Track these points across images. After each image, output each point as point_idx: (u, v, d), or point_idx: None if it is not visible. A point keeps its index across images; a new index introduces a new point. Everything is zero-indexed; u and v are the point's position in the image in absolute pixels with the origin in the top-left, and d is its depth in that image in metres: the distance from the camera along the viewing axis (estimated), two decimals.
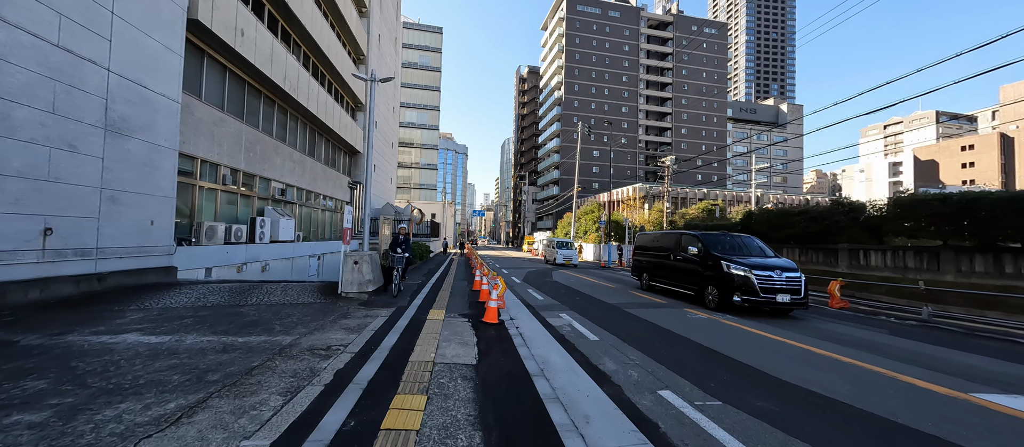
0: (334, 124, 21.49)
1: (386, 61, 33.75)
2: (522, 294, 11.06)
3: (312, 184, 19.93)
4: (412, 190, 71.30)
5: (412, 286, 11.09)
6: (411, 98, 71.38)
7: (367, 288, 8.30)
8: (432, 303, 8.45)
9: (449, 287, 11.44)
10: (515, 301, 9.58)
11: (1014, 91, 79.76)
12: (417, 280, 13.03)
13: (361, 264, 8.29)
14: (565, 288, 12.66)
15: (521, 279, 15.43)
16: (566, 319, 7.56)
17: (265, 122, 15.70)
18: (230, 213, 13.47)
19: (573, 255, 24.26)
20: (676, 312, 8.71)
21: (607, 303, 9.70)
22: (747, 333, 6.87)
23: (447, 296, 9.57)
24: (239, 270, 12.61)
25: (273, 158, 16.09)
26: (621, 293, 11.79)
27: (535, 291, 11.79)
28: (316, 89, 18.93)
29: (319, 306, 7.25)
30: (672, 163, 35.67)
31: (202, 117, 11.74)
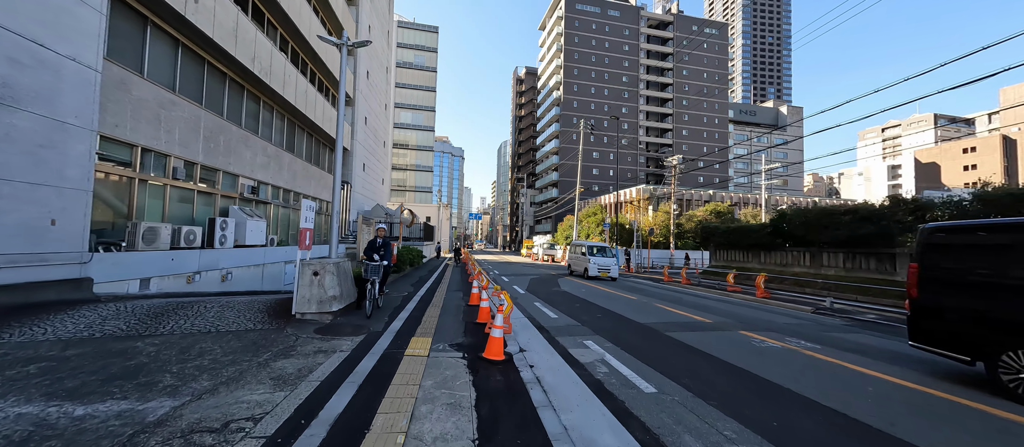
0: (317, 117, 19.55)
1: (377, 55, 31.87)
2: (529, 309, 9.11)
3: (290, 182, 17.93)
4: (407, 193, 69.33)
5: (394, 300, 9.12)
6: (406, 99, 69.59)
7: (331, 307, 6.33)
8: (416, 326, 6.50)
9: (440, 301, 9.47)
10: (522, 320, 7.63)
11: (1014, 93, 79.16)
12: (404, 291, 11.06)
13: (322, 276, 6.33)
14: (579, 301, 10.71)
15: (525, 288, 13.48)
16: (596, 351, 5.62)
17: (232, 110, 13.74)
18: (183, 213, 11.47)
19: (612, 265, 18.18)
20: (735, 336, 6.78)
21: (637, 322, 7.77)
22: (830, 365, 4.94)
23: (437, 315, 7.60)
24: (190, 280, 10.58)
25: (241, 151, 14.11)
26: (646, 307, 9.86)
27: (544, 305, 9.84)
28: (294, 76, 16.98)
29: (256, 336, 5.26)
30: (679, 163, 33.91)
31: (144, 97, 9.76)
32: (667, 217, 35.07)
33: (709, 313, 9.23)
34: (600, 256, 18.56)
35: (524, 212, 75.90)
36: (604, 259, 18.31)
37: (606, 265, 18.01)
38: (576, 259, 20.09)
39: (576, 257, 20.16)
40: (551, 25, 75.18)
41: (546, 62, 77.48)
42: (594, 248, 19.04)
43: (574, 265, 20.19)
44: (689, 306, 10.33)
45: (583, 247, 19.60)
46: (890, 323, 8.78)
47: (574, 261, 20.31)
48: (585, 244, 19.59)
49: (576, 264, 19.87)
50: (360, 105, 26.57)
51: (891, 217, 11.46)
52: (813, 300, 11.46)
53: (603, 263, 18.10)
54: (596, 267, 17.95)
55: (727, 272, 16.31)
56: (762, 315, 9.31)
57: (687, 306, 10.31)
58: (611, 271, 17.86)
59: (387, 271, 7.62)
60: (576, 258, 20.14)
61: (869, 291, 11.05)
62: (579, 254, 19.84)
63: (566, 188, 64.38)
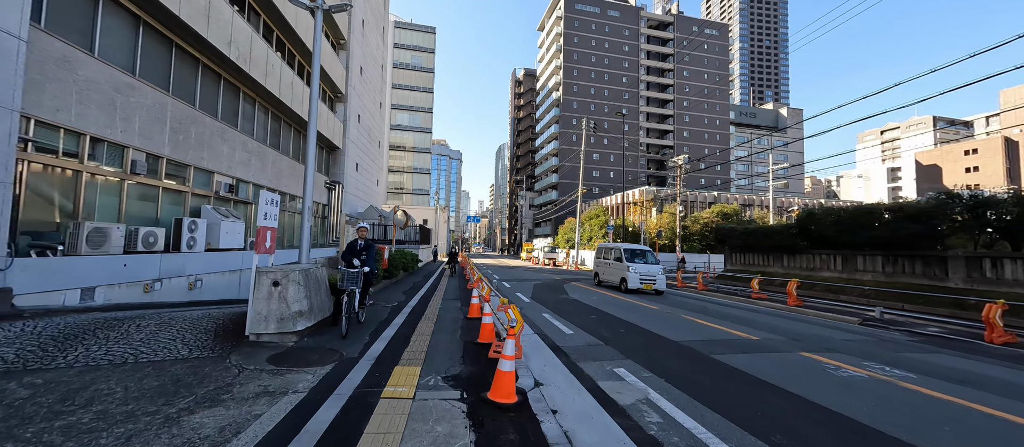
0: (305, 111, 18.25)
1: (371, 51, 30.67)
2: (537, 321, 7.83)
3: (275, 180, 16.60)
4: (404, 195, 68.05)
5: (381, 313, 7.82)
6: (403, 100, 68.48)
7: (295, 325, 5.03)
8: (403, 348, 5.21)
9: (434, 313, 8.17)
10: (532, 338, 6.35)
11: (1015, 95, 78.69)
12: (394, 299, 9.77)
13: (285, 286, 5.03)
14: (594, 312, 9.42)
15: (529, 296, 12.19)
16: (635, 385, 4.34)
17: (206, 99, 12.46)
18: (145, 213, 10.14)
19: (657, 273, 14.08)
20: (799, 360, 5.51)
21: (671, 341, 6.49)
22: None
23: (429, 332, 6.31)
24: (147, 289, 9.24)
25: (217, 145, 12.81)
26: (673, 320, 8.58)
27: (555, 316, 8.55)
28: (278, 66, 15.71)
29: (183, 370, 3.96)
30: (684, 163, 32.77)
31: (94, 78, 8.46)
32: (672, 219, 33.88)
33: (748, 327, 7.96)
34: (640, 262, 14.42)
35: (523, 215, 74.66)
36: (647, 267, 14.09)
37: (650, 275, 13.81)
38: (606, 266, 16.10)
39: (606, 264, 16.19)
40: (550, 25, 74.27)
41: (545, 63, 76.52)
42: (632, 252, 14.95)
43: (604, 274, 16.24)
44: (720, 317, 9.06)
45: (617, 250, 15.41)
46: (960, 338, 7.53)
47: (603, 269, 16.41)
48: (619, 247, 15.30)
49: (607, 273, 15.91)
50: (353, 102, 25.32)
51: (942, 215, 10.26)
52: (855, 309, 10.23)
53: (647, 272, 13.88)
54: (637, 277, 13.74)
55: (744, 277, 15.09)
56: (809, 329, 8.06)
57: (718, 317, 9.04)
58: (657, 283, 13.72)
59: (369, 279, 6.33)
60: (606, 265, 16.15)
61: (916, 299, 9.82)
62: (610, 260, 15.78)
63: (566, 190, 63.22)
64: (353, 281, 5.71)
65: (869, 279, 11.64)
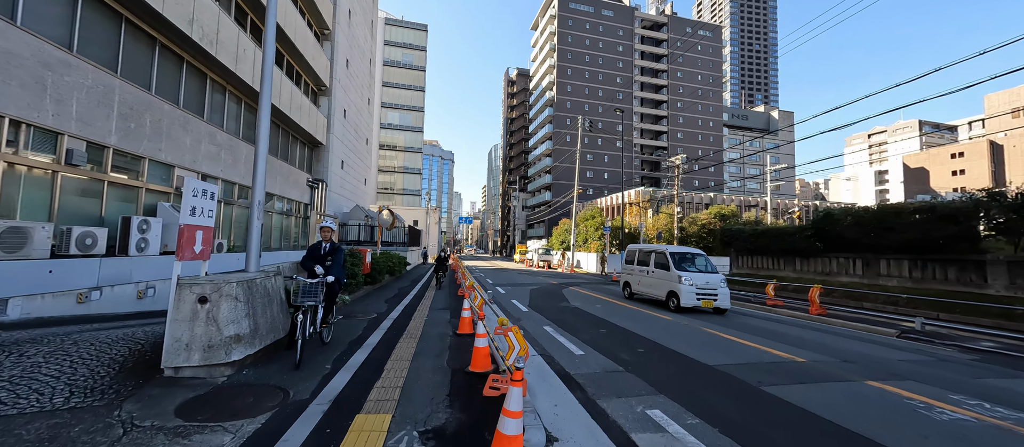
0: (284, 103, 16.94)
1: (359, 44, 29.34)
2: (541, 339, 6.69)
3: (249, 178, 15.23)
4: (395, 196, 66.53)
5: (353, 329, 6.61)
6: (394, 98, 67.03)
7: (229, 355, 3.83)
8: (373, 381, 4.03)
9: (419, 328, 6.98)
10: (537, 364, 5.19)
11: (998, 100, 79.82)
12: (375, 309, 8.55)
13: (216, 304, 3.84)
14: (603, 325, 8.30)
15: (527, 304, 11.04)
16: (681, 439, 3.21)
17: (165, 85, 11.13)
18: (87, 210, 8.80)
19: (718, 284, 10.25)
20: (874, 394, 4.44)
21: (704, 364, 5.39)
22: None
23: (410, 356, 5.14)
24: (81, 299, 7.90)
25: (179, 136, 11.48)
26: (697, 336, 7.48)
27: (559, 330, 7.41)
28: (251, 51, 14.39)
29: (42, 432, 2.73)
30: (682, 162, 31.95)
31: (13, 50, 7.14)
32: (669, 220, 33.02)
33: (783, 343, 6.91)
34: (693, 270, 10.60)
35: (516, 216, 73.55)
36: (704, 277, 10.24)
37: (709, 288, 10.02)
38: (641, 276, 12.01)
39: (641, 272, 12.03)
40: (544, 24, 73.41)
41: (538, 62, 75.63)
42: (680, 256, 11.06)
43: (639, 285, 12.13)
44: (745, 330, 8.00)
45: (659, 255, 11.38)
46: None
47: (636, 279, 12.33)
48: (663, 250, 11.29)
49: (643, 284, 11.89)
50: (338, 96, 23.99)
51: (979, 216, 9.38)
52: (884, 318, 9.29)
53: (704, 284, 10.05)
54: (693, 291, 9.93)
55: (756, 282, 14.14)
56: (849, 344, 7.04)
57: (743, 330, 7.98)
58: (719, 298, 10.00)
59: (335, 291, 5.13)
60: (641, 274, 12.06)
61: (951, 307, 8.90)
62: (649, 267, 11.66)
63: (559, 191, 62.28)
64: (310, 295, 4.51)
65: (894, 285, 10.73)
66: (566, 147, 63.81)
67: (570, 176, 62.08)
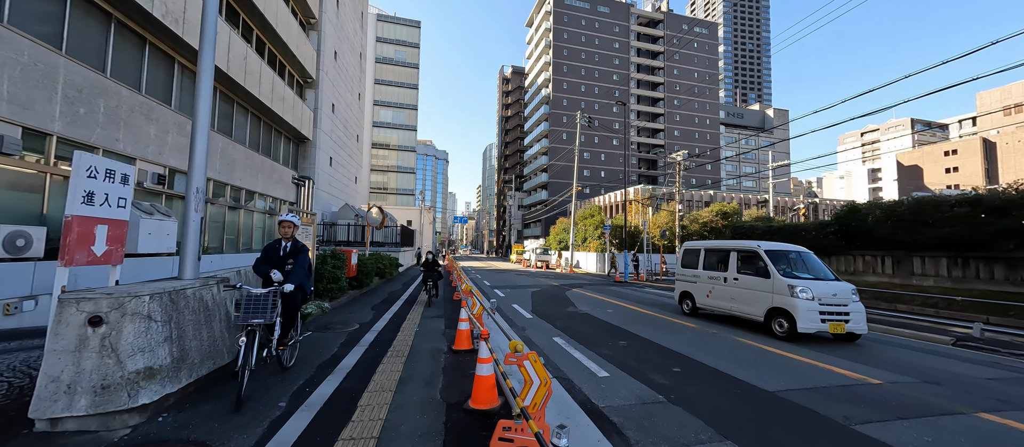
0: (264, 94, 15.76)
1: (348, 36, 28.13)
2: (553, 354, 5.63)
3: (226, 173, 14.04)
4: (389, 195, 65.23)
5: (327, 345, 5.51)
6: (386, 96, 65.73)
7: (136, 396, 2.73)
8: (341, 427, 2.97)
9: (407, 342, 5.90)
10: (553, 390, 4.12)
11: (990, 98, 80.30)
12: (359, 317, 7.44)
13: (116, 329, 2.75)
14: (622, 335, 7.25)
15: (530, 310, 9.98)
16: None
17: (124, 67, 9.95)
18: (24, 206, 7.60)
19: (848, 295, 7.15)
20: (989, 428, 3.44)
21: (763, 391, 4.35)
22: None
23: (394, 383, 4.06)
24: (9, 311, 6.71)
25: (140, 125, 10.29)
26: (730, 347, 6.47)
27: (573, 344, 6.35)
28: (227, 33, 13.21)
29: None
30: (684, 159, 31.07)
31: None
32: (670, 218, 32.15)
33: (838, 357, 5.90)
34: (804, 275, 7.59)
35: (511, 216, 72.49)
36: (825, 285, 7.16)
37: (837, 301, 7.00)
38: (711, 285, 8.88)
39: (711, 281, 8.93)
40: (539, 21, 72.44)
41: (534, 60, 74.63)
42: (781, 256, 7.88)
43: (716, 299, 8.76)
44: (788, 340, 7.00)
45: (743, 252, 8.31)
46: None
47: (701, 286, 9.19)
48: (754, 249, 8.04)
49: (724, 296, 8.54)
50: (326, 89, 22.79)
51: None
52: (928, 322, 8.35)
53: (831, 297, 7.00)
54: (815, 310, 6.83)
55: None
56: (915, 358, 6.06)
57: (786, 340, 6.98)
58: (853, 318, 6.95)
59: (295, 303, 3.99)
60: (709, 282, 8.97)
61: (1003, 309, 7.98)
62: (731, 272, 8.43)
63: (555, 190, 61.35)
64: (258, 309, 3.40)
65: (931, 285, 9.83)
66: (562, 145, 62.87)
67: (566, 175, 61.14)
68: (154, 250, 9.79)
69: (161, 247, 10.03)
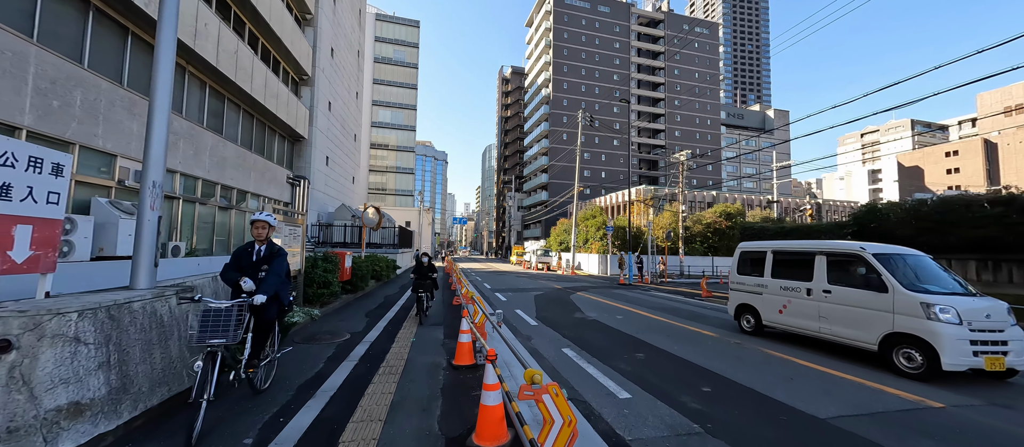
0: (257, 91, 15.19)
1: (345, 33, 27.60)
2: (565, 370, 5.05)
3: (216, 172, 13.47)
4: (388, 196, 64.64)
5: (312, 361, 4.92)
6: (385, 96, 65.18)
7: (55, 441, 2.16)
8: None
9: (402, 356, 5.31)
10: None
11: (991, 99, 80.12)
12: (348, 328, 6.86)
13: (31, 356, 2.20)
14: (635, 344, 6.68)
15: (534, 316, 9.40)
16: None
17: (103, 58, 9.38)
18: None
19: (1004, 317, 5.09)
20: None
21: (815, 419, 3.78)
22: None
23: (383, 412, 3.48)
24: None
25: (121, 120, 9.71)
26: (757, 356, 5.90)
27: (585, 357, 5.78)
28: (216, 27, 12.66)
29: None
30: (687, 158, 30.55)
31: None
32: (673, 219, 31.61)
33: (882, 373, 5.34)
34: (941, 291, 5.45)
35: (511, 217, 71.93)
36: (974, 303, 5.20)
37: (992, 324, 5.03)
38: (785, 297, 6.97)
39: (785, 293, 6.98)
40: (539, 20, 71.98)
41: (534, 59, 74.15)
42: (902, 261, 6.05)
43: (785, 314, 6.94)
44: (816, 350, 6.44)
45: (839, 257, 6.40)
46: None
47: (770, 298, 7.28)
48: (858, 250, 6.10)
49: (801, 314, 6.65)
50: (321, 86, 22.23)
51: None
52: None
53: (986, 319, 5.05)
54: (965, 340, 4.89)
55: None
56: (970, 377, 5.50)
57: (815, 351, 6.42)
58: (1013, 351, 4.94)
59: (269, 317, 3.40)
60: (781, 293, 7.06)
61: None
62: (818, 283, 6.44)
63: (556, 191, 60.82)
64: (219, 326, 2.80)
65: None
66: (562, 146, 62.37)
67: (566, 175, 60.62)
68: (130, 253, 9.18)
69: None
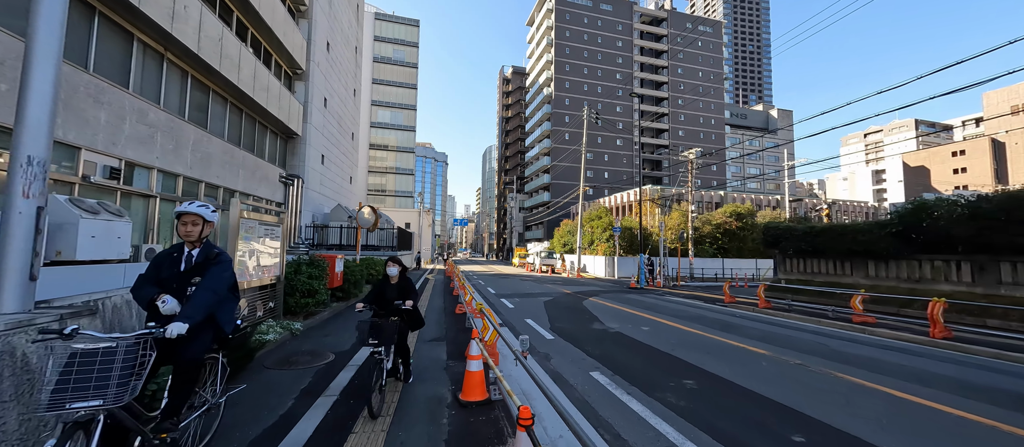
0: (245, 83, 14.18)
1: (342, 27, 26.61)
2: (600, 403, 4.00)
3: (199, 169, 12.42)
4: (387, 197, 63.61)
5: (276, 403, 3.86)
6: (385, 95, 64.19)
7: None
8: None
9: (394, 390, 4.25)
10: None
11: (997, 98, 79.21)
12: (332, 347, 5.79)
13: None
14: (678, 366, 5.61)
15: (549, 327, 8.32)
16: None
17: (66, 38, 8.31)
18: None
19: None
20: None
21: None
22: None
23: None
24: None
25: (86, 109, 8.68)
26: (846, 389, 4.84)
27: (618, 384, 4.71)
28: (197, 9, 11.64)
29: None
30: (697, 156, 29.52)
31: None
32: (682, 219, 30.55)
33: (981, 401, 4.29)
34: None
35: (512, 218, 70.85)
36: None
37: None
38: None
39: None
40: (540, 19, 71.05)
41: (535, 59, 73.19)
42: None
43: None
44: (888, 373, 5.38)
45: None
46: None
47: None
48: None
49: None
50: (316, 81, 21.22)
51: None
52: None
53: None
54: None
55: (811, 289, 11.61)
56: None
57: (887, 373, 5.36)
58: None
59: (192, 357, 2.35)
60: None
61: None
62: None
63: (558, 191, 59.74)
64: (90, 381, 1.71)
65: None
66: (565, 146, 61.34)
67: (569, 175, 59.56)
68: (98, 256, 8.10)
69: (109, 253, 8.33)
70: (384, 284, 4.42)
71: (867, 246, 11.11)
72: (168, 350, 2.21)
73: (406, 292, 4.26)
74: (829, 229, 12.24)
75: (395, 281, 4.43)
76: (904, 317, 9.52)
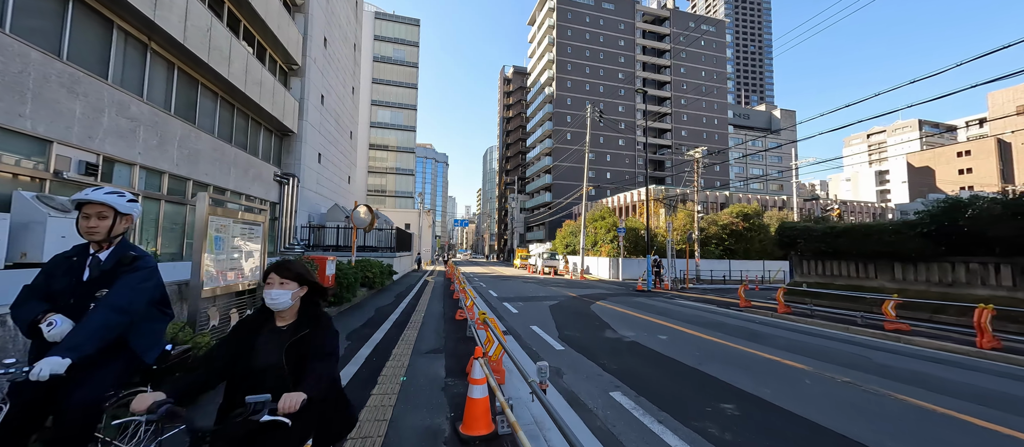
0: (236, 76, 13.53)
1: (340, 23, 25.99)
2: (624, 432, 3.34)
3: (187, 167, 11.76)
4: (387, 198, 63.00)
5: None
6: (385, 95, 63.62)
7: None
8: None
9: (381, 420, 3.57)
10: None
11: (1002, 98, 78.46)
12: None
13: None
14: (713, 387, 4.91)
15: (557, 335, 7.65)
16: None
17: (30, 23, 7.72)
18: None
19: None
20: None
21: None
22: None
23: None
24: None
25: (60, 100, 8.03)
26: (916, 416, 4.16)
27: (643, 408, 4.04)
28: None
29: None
30: (702, 155, 28.88)
31: None
32: (688, 219, 29.88)
33: None
34: None
35: (513, 219, 70.20)
36: None
37: None
38: None
39: None
40: (542, 18, 70.46)
41: (536, 58, 72.60)
42: None
43: None
44: (966, 396, 4.71)
45: None
46: None
47: None
48: None
49: None
50: (313, 77, 20.59)
51: None
52: None
53: None
54: None
55: (832, 293, 10.93)
56: None
57: (960, 395, 4.69)
58: None
59: (81, 402, 1.52)
60: None
61: None
62: None
63: (560, 192, 59.07)
64: None
65: None
66: (567, 146, 60.70)
67: (571, 176, 58.91)
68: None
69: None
70: (251, 331, 1.73)
71: (894, 247, 10.43)
72: (47, 396, 1.56)
73: (302, 363, 1.65)
74: (852, 229, 11.56)
75: (284, 322, 1.76)
76: (939, 323, 8.84)
